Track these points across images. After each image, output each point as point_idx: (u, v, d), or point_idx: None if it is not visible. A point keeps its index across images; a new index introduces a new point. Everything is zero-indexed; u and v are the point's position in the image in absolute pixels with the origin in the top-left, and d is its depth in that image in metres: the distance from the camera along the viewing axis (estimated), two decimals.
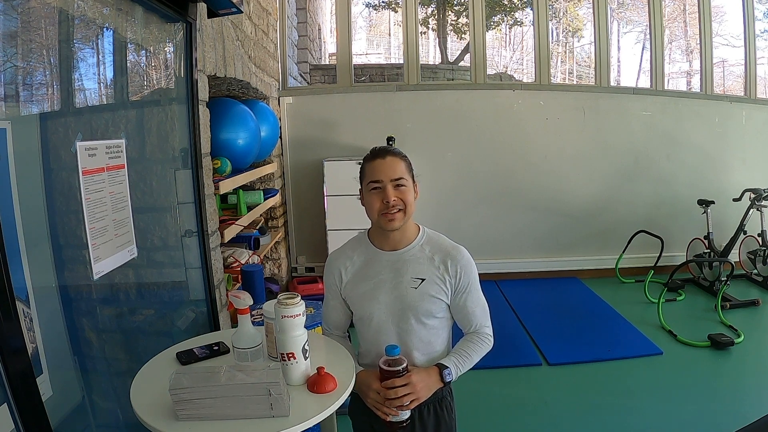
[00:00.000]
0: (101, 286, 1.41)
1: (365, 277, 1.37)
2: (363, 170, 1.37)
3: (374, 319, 1.36)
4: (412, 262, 1.35)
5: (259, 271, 2.77)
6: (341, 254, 1.43)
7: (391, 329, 1.35)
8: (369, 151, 1.37)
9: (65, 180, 1.27)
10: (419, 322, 1.34)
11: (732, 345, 3.03)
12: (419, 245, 1.37)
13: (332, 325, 1.48)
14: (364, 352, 1.43)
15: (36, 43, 1.20)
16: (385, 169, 1.30)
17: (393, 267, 1.35)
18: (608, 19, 4.58)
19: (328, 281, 1.44)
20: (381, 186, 1.30)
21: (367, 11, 8.88)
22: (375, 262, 1.37)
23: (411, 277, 1.34)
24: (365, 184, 1.34)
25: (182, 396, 1.01)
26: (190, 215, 1.99)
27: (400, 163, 1.33)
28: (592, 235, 4.58)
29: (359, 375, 1.29)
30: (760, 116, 4.65)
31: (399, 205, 1.30)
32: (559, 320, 3.60)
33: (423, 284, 1.33)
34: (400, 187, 1.31)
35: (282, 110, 4.25)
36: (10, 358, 0.96)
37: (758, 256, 4.07)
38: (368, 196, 1.33)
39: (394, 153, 1.34)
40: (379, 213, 1.31)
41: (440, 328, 1.38)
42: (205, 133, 2.11)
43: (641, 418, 2.41)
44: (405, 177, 1.32)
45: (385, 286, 1.35)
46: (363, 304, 1.37)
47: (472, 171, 4.41)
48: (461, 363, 1.33)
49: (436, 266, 1.34)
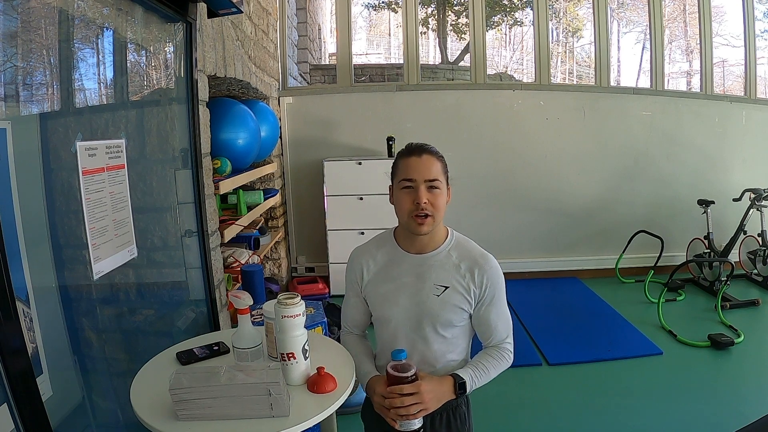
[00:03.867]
0: (101, 286, 1.41)
1: (387, 278, 1.31)
2: (396, 166, 1.29)
3: (392, 323, 1.30)
4: (437, 268, 1.28)
5: (259, 271, 2.77)
6: (365, 251, 1.37)
7: (407, 335, 1.30)
8: (405, 146, 1.30)
9: (65, 180, 1.27)
10: (436, 332, 1.28)
11: (732, 345, 3.03)
12: (446, 250, 1.30)
13: (351, 323, 1.42)
14: (380, 353, 1.39)
15: (36, 43, 1.20)
16: (420, 168, 1.23)
17: (416, 271, 1.29)
18: (608, 19, 4.58)
19: (349, 277, 1.38)
20: (414, 185, 1.23)
21: (367, 11, 8.89)
22: (398, 263, 1.32)
23: (434, 283, 1.27)
24: (397, 181, 1.27)
25: (182, 396, 1.00)
26: (190, 215, 1.99)
27: (436, 164, 1.25)
28: (592, 235, 4.58)
29: (371, 380, 1.27)
30: (760, 116, 4.65)
31: (429, 209, 1.22)
32: (559, 320, 3.61)
33: (446, 292, 1.27)
34: (433, 189, 1.24)
35: (282, 110, 4.25)
36: (10, 358, 0.96)
37: (758, 256, 4.07)
38: (399, 194, 1.26)
39: (431, 152, 1.27)
40: (409, 214, 1.24)
41: (459, 338, 1.32)
42: (205, 133, 2.11)
43: (641, 418, 2.41)
44: (439, 179, 1.25)
45: (406, 290, 1.29)
46: (383, 306, 1.31)
47: (472, 171, 4.41)
48: (478, 376, 1.27)
49: (462, 274, 1.27)
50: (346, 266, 1.40)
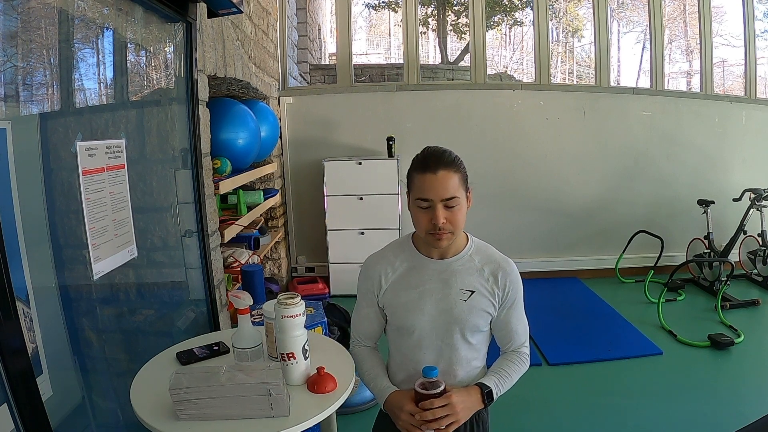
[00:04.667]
0: (101, 286, 1.41)
1: (409, 285, 1.26)
2: (411, 179, 1.22)
3: (416, 332, 1.25)
4: (462, 273, 1.25)
5: (259, 271, 2.77)
6: (381, 259, 1.30)
7: (433, 343, 1.26)
8: (420, 154, 1.21)
9: (65, 180, 1.27)
10: (463, 338, 1.26)
11: (732, 345, 3.03)
12: (468, 255, 1.27)
13: (364, 335, 1.36)
14: (397, 364, 1.32)
15: (36, 43, 1.20)
16: (437, 186, 1.15)
17: (441, 277, 1.25)
18: (608, 19, 4.58)
19: (364, 287, 1.31)
20: (430, 205, 1.16)
21: (367, 11, 8.89)
22: (421, 269, 1.27)
23: (460, 288, 1.24)
24: (413, 198, 1.20)
25: (182, 396, 1.01)
26: (190, 215, 1.99)
27: (453, 178, 1.17)
28: (592, 235, 4.58)
29: (391, 395, 1.22)
30: (760, 116, 4.64)
31: (448, 228, 1.17)
32: (559, 320, 3.60)
33: (472, 297, 1.24)
34: (451, 208, 1.17)
35: (282, 110, 4.25)
36: (10, 358, 0.96)
37: (758, 256, 4.07)
38: (415, 211, 1.20)
39: (448, 165, 1.18)
40: (426, 231, 1.19)
41: (481, 344, 1.31)
42: (205, 133, 2.11)
43: (641, 418, 2.41)
44: (457, 195, 1.17)
45: (432, 296, 1.24)
46: (406, 315, 1.25)
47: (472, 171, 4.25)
48: (501, 383, 1.25)
49: (486, 278, 1.25)
50: (358, 276, 1.34)
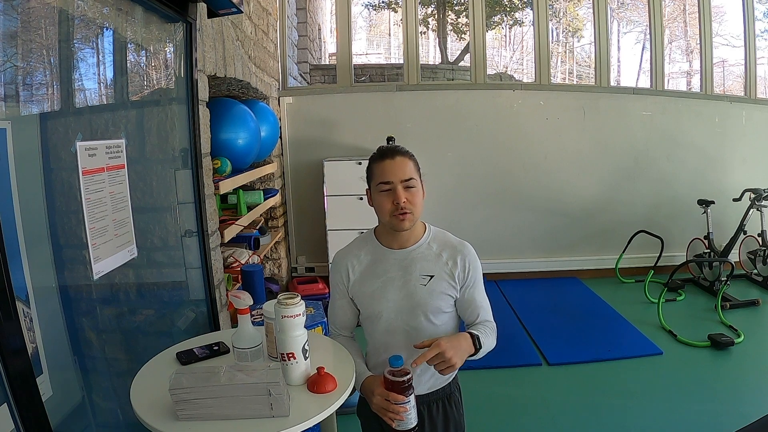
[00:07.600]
0: (101, 286, 1.41)
1: (373, 275, 1.37)
2: (371, 170, 1.36)
3: (383, 318, 1.36)
4: (420, 260, 1.36)
5: (259, 271, 2.77)
6: (348, 253, 1.42)
7: (400, 327, 1.35)
8: (376, 150, 1.36)
9: (65, 180, 1.27)
10: (428, 320, 1.34)
11: (732, 345, 3.04)
12: (426, 243, 1.38)
13: (339, 326, 1.47)
14: (372, 351, 1.43)
15: (36, 43, 1.20)
16: (395, 169, 1.30)
17: (401, 265, 1.36)
18: (608, 19, 4.58)
19: (334, 280, 1.43)
20: (391, 187, 1.30)
21: (367, 11, 8.88)
22: (383, 260, 1.38)
23: (420, 274, 1.34)
24: (374, 185, 1.34)
25: (182, 396, 1.01)
26: (190, 215, 1.99)
27: (408, 163, 1.33)
28: (592, 236, 4.58)
29: (366, 380, 1.29)
30: (760, 116, 4.65)
31: (408, 207, 1.30)
32: (559, 320, 3.60)
33: (432, 281, 1.34)
34: (410, 188, 1.31)
35: (282, 110, 4.25)
36: (10, 358, 0.96)
37: (758, 256, 4.07)
38: (378, 197, 1.33)
39: (403, 153, 1.34)
40: (390, 213, 1.31)
41: (447, 324, 1.38)
42: (205, 133, 2.11)
43: (641, 418, 2.41)
44: (414, 177, 1.32)
45: (394, 284, 1.35)
46: (371, 303, 1.37)
47: (472, 171, 4.41)
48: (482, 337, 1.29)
49: (444, 262, 1.35)
50: (329, 270, 1.44)
